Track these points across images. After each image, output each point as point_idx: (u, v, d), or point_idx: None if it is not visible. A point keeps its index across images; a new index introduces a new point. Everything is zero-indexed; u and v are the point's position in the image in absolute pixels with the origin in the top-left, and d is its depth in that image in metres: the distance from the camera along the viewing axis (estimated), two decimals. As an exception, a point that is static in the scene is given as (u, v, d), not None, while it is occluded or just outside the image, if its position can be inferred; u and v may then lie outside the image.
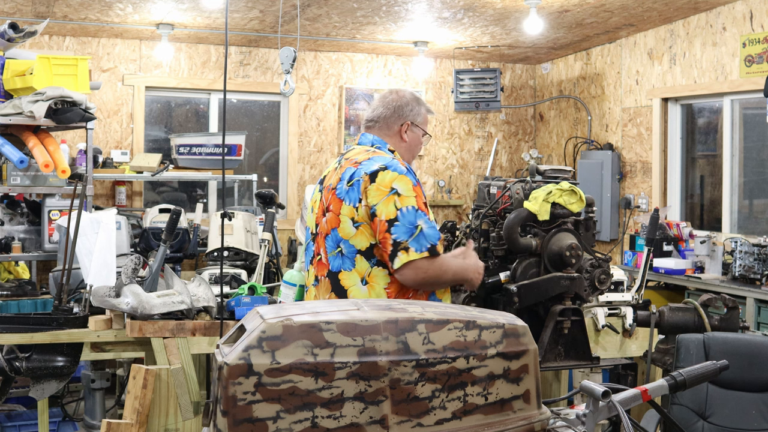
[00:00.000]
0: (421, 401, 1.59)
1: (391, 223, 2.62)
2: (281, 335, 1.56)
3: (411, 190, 2.70)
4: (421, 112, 2.97)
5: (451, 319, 1.66)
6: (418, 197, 2.70)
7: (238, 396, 1.52)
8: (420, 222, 2.65)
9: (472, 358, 1.64)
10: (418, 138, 2.97)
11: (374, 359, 1.57)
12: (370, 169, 2.71)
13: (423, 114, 2.99)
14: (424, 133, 2.99)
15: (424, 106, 3.01)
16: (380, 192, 2.66)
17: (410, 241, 2.61)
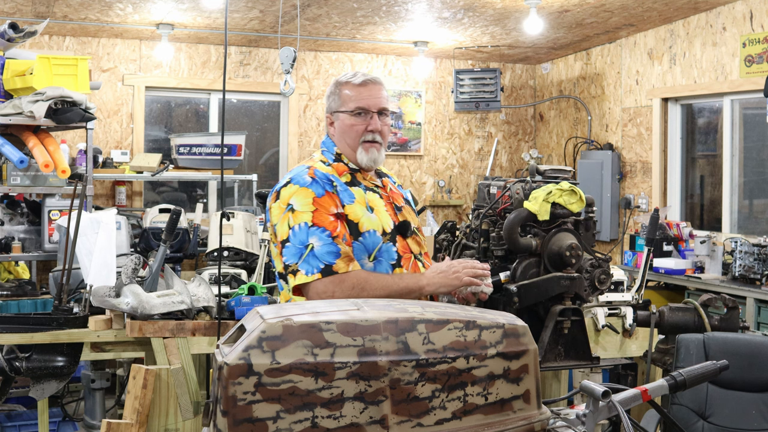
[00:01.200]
0: (421, 401, 1.59)
1: (283, 244, 2.41)
2: (281, 335, 1.56)
3: (309, 204, 2.42)
4: (339, 95, 2.60)
5: (451, 319, 1.66)
6: (319, 211, 2.41)
7: (238, 396, 1.52)
8: (312, 240, 2.38)
9: (472, 358, 1.64)
10: (346, 122, 2.57)
11: (374, 359, 1.57)
12: (279, 185, 2.53)
13: (342, 95, 2.59)
14: (353, 111, 2.57)
15: (345, 84, 2.60)
16: (279, 210, 2.46)
17: (300, 263, 2.38)
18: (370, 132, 2.56)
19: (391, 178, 2.82)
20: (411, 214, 2.70)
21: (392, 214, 2.59)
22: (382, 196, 2.61)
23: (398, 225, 2.55)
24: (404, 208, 2.68)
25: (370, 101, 2.58)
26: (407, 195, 2.83)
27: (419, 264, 2.58)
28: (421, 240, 2.67)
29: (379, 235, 2.48)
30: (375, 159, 2.58)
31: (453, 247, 3.35)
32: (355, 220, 2.46)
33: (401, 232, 2.55)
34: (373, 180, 2.65)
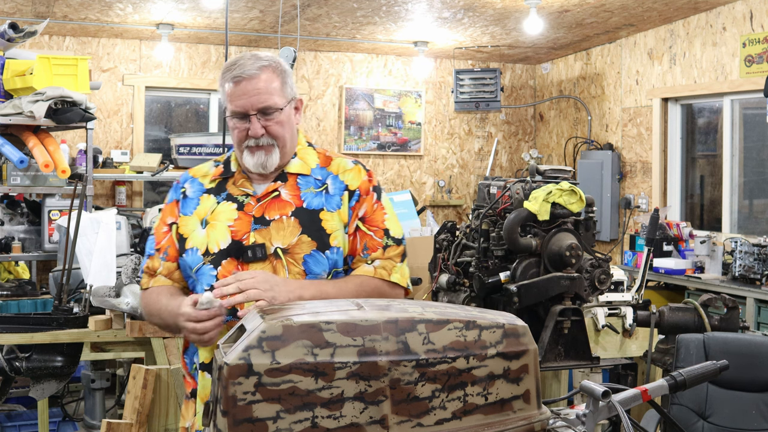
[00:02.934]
0: (421, 401, 1.59)
1: None
2: (281, 335, 1.56)
3: (162, 212, 2.26)
4: (222, 89, 2.17)
5: (451, 319, 1.66)
6: (161, 217, 2.24)
7: (238, 396, 1.52)
8: (148, 249, 2.25)
9: (472, 358, 1.64)
10: (229, 124, 2.17)
11: (374, 359, 1.57)
12: None
13: (224, 89, 2.15)
14: (230, 116, 2.14)
15: (222, 76, 2.16)
16: None
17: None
18: (251, 138, 2.12)
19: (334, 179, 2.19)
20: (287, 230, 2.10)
21: (242, 230, 2.10)
22: (245, 206, 2.13)
23: (233, 246, 2.09)
24: (279, 221, 2.10)
25: (245, 103, 2.10)
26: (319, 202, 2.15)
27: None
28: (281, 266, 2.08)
29: (200, 254, 2.11)
30: (263, 163, 2.11)
31: (453, 247, 3.36)
32: (185, 235, 2.16)
33: (236, 255, 2.08)
34: (244, 186, 2.17)
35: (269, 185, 2.16)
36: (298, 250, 2.09)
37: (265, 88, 2.11)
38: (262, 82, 2.11)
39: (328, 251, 2.11)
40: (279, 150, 2.14)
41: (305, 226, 2.10)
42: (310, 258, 2.10)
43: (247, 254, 2.07)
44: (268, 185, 2.16)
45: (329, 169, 2.21)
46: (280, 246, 2.08)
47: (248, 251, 2.07)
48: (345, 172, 2.20)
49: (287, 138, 2.16)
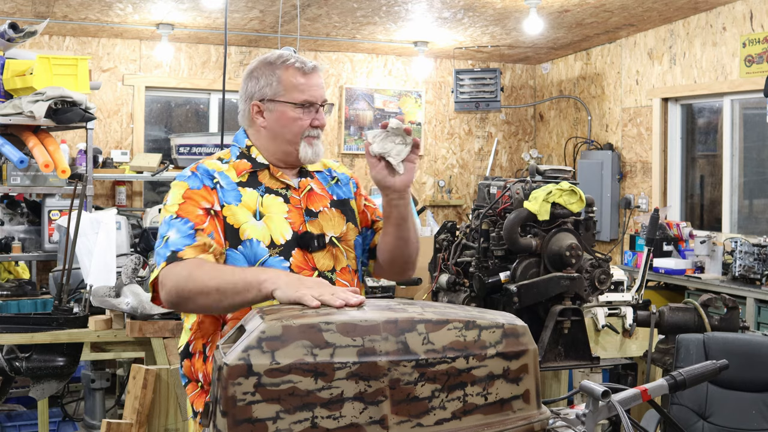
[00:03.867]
0: (420, 401, 1.59)
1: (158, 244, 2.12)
2: (281, 335, 1.56)
3: (179, 196, 2.12)
4: (279, 81, 2.18)
5: (450, 319, 1.66)
6: (186, 203, 2.10)
7: (238, 396, 1.52)
8: (170, 232, 2.05)
9: (472, 358, 1.64)
10: (289, 114, 2.18)
11: (374, 359, 1.57)
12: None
13: (284, 81, 2.18)
14: (298, 104, 2.17)
15: (286, 68, 2.18)
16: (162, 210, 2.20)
17: (157, 258, 2.07)
18: (315, 128, 2.19)
19: (335, 172, 2.36)
20: (334, 219, 2.23)
21: (297, 222, 2.15)
22: (290, 199, 2.18)
23: (299, 236, 2.12)
24: (325, 213, 2.22)
25: (317, 93, 2.19)
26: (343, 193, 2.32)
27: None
28: (341, 253, 2.21)
29: (265, 246, 2.08)
30: (318, 152, 2.20)
31: (453, 247, 3.36)
32: (236, 225, 2.09)
33: (302, 245, 2.12)
34: (284, 178, 2.20)
35: (302, 180, 2.24)
36: (349, 237, 2.24)
37: (323, 82, 2.24)
38: (322, 76, 2.24)
39: (361, 236, 2.30)
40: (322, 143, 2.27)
41: (347, 216, 2.26)
42: (356, 243, 2.27)
43: (314, 244, 2.14)
44: (301, 180, 2.24)
45: (326, 166, 2.35)
46: (333, 235, 2.19)
47: (314, 240, 2.14)
48: (335, 168, 2.37)
49: None
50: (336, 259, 2.19)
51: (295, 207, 2.17)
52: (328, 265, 2.16)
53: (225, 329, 2.07)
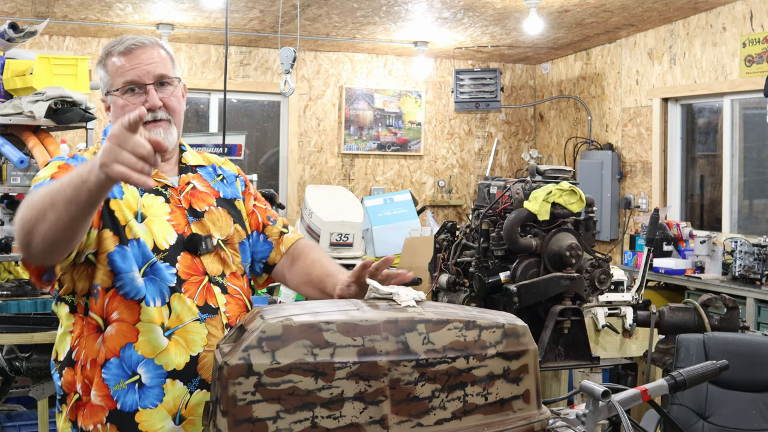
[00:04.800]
0: (421, 401, 1.59)
1: None
2: (281, 335, 1.56)
3: (53, 167, 1.89)
4: (106, 71, 1.97)
5: (450, 319, 1.66)
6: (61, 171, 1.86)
7: (238, 396, 1.52)
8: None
9: (472, 358, 1.64)
10: (118, 103, 1.94)
11: (374, 359, 1.57)
12: None
13: (109, 69, 1.96)
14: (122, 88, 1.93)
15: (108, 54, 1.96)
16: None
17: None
18: (148, 111, 1.90)
19: (221, 169, 2.16)
20: (221, 220, 2.04)
21: (181, 223, 1.96)
22: (171, 198, 1.97)
23: (186, 239, 1.94)
24: (211, 212, 2.03)
25: (140, 72, 1.92)
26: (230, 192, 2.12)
27: (216, 288, 1.96)
28: (228, 256, 2.02)
29: (148, 249, 1.89)
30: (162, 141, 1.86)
31: (453, 247, 3.36)
32: (122, 221, 1.89)
33: (190, 248, 1.94)
34: (159, 177, 1.98)
35: (182, 177, 2.03)
36: (236, 240, 2.06)
37: (159, 57, 1.96)
38: (157, 54, 1.96)
39: (249, 239, 2.12)
40: (176, 128, 1.98)
41: (234, 216, 2.08)
42: (241, 246, 2.08)
43: (202, 246, 1.95)
44: (181, 177, 2.03)
45: (208, 162, 2.15)
46: (220, 237, 2.01)
47: (202, 243, 1.95)
48: (221, 164, 2.18)
49: (181, 117, 2.02)
50: (224, 263, 2.00)
51: (177, 207, 1.97)
52: (218, 270, 1.98)
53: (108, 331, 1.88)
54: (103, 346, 1.87)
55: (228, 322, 1.94)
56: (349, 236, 4.33)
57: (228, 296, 1.97)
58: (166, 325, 1.87)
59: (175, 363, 1.87)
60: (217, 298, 1.94)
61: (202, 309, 1.91)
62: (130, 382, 1.86)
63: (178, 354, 1.87)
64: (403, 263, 4.10)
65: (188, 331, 1.89)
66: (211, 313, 1.92)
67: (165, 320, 1.87)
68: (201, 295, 1.92)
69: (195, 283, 1.93)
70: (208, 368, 1.87)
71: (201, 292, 1.93)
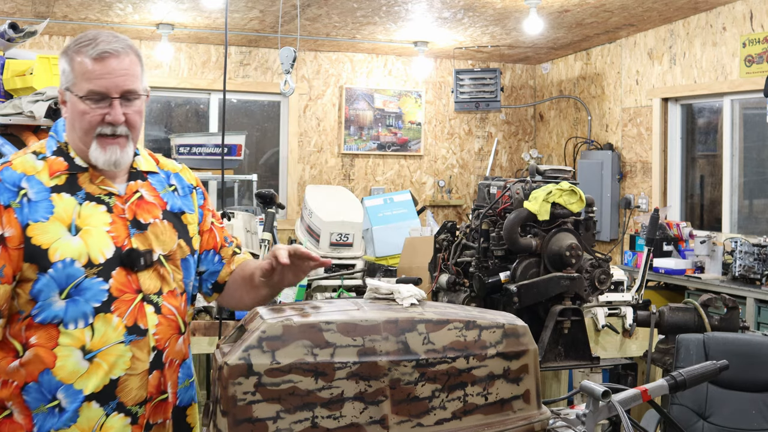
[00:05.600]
0: (421, 401, 1.59)
1: None
2: (281, 335, 1.56)
3: None
4: (71, 67, 1.86)
5: (451, 319, 1.66)
6: None
7: (238, 396, 1.52)
8: None
9: (472, 358, 1.64)
10: (78, 107, 1.85)
11: (374, 359, 1.57)
12: None
13: (75, 67, 1.85)
14: (85, 96, 1.83)
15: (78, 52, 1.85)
16: None
17: None
18: (108, 125, 1.83)
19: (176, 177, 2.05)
20: (165, 234, 1.93)
21: (121, 236, 1.86)
22: (114, 208, 1.87)
23: (123, 253, 1.84)
24: (156, 225, 1.92)
25: (108, 83, 1.82)
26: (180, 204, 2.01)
27: (149, 308, 1.86)
28: (169, 273, 1.92)
29: (80, 266, 1.79)
30: (117, 160, 1.86)
31: (453, 247, 3.36)
32: (44, 246, 1.78)
33: (127, 263, 1.84)
34: (106, 185, 1.89)
35: (130, 184, 1.93)
36: (178, 256, 1.95)
37: (131, 70, 1.86)
38: (129, 63, 1.86)
39: (194, 256, 2.02)
40: (132, 144, 1.90)
41: (179, 231, 1.96)
42: (184, 263, 1.97)
43: (140, 261, 1.85)
44: (129, 184, 1.92)
45: (164, 167, 2.04)
46: (161, 253, 1.91)
47: (140, 258, 1.85)
48: (178, 171, 2.07)
49: (140, 131, 1.93)
50: (163, 280, 1.90)
51: (120, 217, 1.87)
52: (155, 287, 1.88)
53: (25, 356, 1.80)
54: (23, 369, 1.80)
55: (156, 345, 1.86)
56: (349, 236, 4.33)
57: (161, 317, 1.87)
58: (88, 347, 1.79)
59: (93, 386, 1.80)
60: (148, 318, 1.85)
61: (129, 330, 1.83)
62: (50, 406, 1.79)
63: (98, 377, 1.80)
64: (403, 263, 4.10)
65: (111, 354, 1.80)
66: (138, 334, 1.83)
67: (87, 342, 1.79)
68: (131, 315, 1.83)
69: (127, 302, 1.83)
70: (128, 392, 1.82)
71: (132, 312, 1.84)
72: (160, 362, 1.87)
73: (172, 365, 1.90)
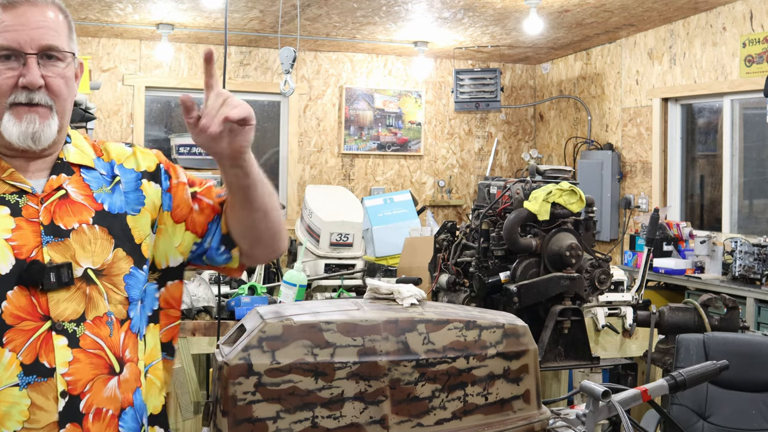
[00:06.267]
0: (421, 401, 1.59)
1: None
2: (281, 335, 1.56)
3: None
4: None
5: (451, 319, 1.66)
6: None
7: (238, 396, 1.52)
8: None
9: (472, 358, 1.64)
10: None
11: (374, 359, 1.57)
12: None
13: None
14: None
15: None
16: None
17: None
18: (23, 89, 1.44)
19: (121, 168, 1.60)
20: (95, 243, 1.48)
21: (29, 244, 1.43)
22: (24, 209, 1.45)
23: (25, 266, 1.41)
24: (80, 232, 1.47)
25: (21, 35, 1.44)
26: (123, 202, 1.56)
27: (60, 340, 1.41)
28: (102, 293, 1.46)
29: None
30: (35, 132, 1.44)
31: (453, 247, 3.36)
32: None
33: (27, 281, 1.41)
34: (15, 180, 1.47)
35: (51, 179, 1.49)
36: (117, 270, 1.49)
37: (53, 22, 1.48)
38: (50, 14, 1.49)
39: (145, 266, 1.55)
40: (57, 118, 1.48)
41: (117, 237, 1.51)
42: (131, 279, 1.51)
43: (49, 278, 1.41)
44: (49, 179, 1.49)
45: (107, 158, 1.60)
46: (91, 266, 1.46)
47: (50, 274, 1.41)
48: (128, 158, 1.61)
49: (68, 105, 1.53)
50: (90, 303, 1.44)
51: (29, 222, 1.44)
52: (74, 312, 1.43)
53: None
54: None
55: (67, 389, 1.40)
56: (349, 236, 4.33)
57: (79, 351, 1.41)
58: None
59: None
60: (57, 353, 1.40)
61: (27, 369, 1.38)
62: None
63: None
64: (403, 263, 4.10)
65: (1, 401, 1.37)
66: (41, 375, 1.38)
67: None
68: (31, 349, 1.39)
69: (26, 332, 1.39)
70: None
71: (32, 345, 1.39)
72: (77, 413, 1.40)
73: (102, 417, 1.42)
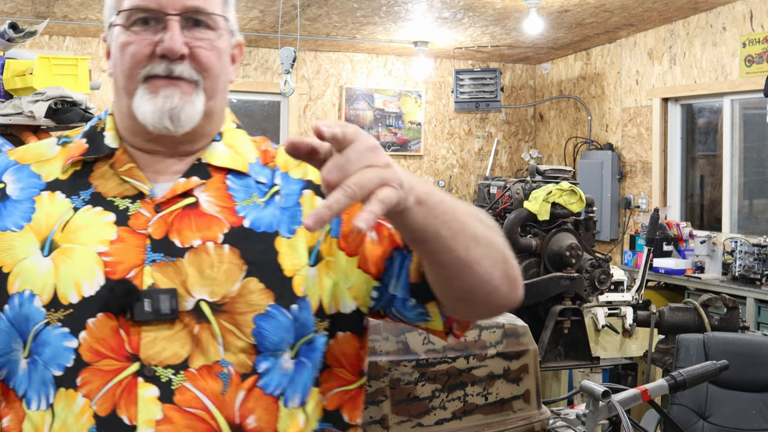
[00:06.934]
0: (421, 401, 1.59)
1: None
2: (281, 335, 1.56)
3: None
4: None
5: (451, 319, 1.66)
6: None
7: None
8: None
9: (472, 358, 1.64)
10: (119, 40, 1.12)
11: (374, 359, 1.57)
12: None
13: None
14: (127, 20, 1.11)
15: None
16: None
17: None
18: (161, 59, 1.10)
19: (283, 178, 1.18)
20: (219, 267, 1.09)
21: (128, 262, 1.09)
22: (131, 217, 1.11)
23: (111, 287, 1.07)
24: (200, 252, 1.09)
25: None
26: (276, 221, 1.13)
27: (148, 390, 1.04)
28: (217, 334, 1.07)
29: (40, 305, 1.07)
30: (172, 109, 1.10)
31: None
32: (4, 268, 1.11)
33: (114, 308, 1.06)
34: (133, 177, 1.14)
35: (178, 183, 1.13)
36: (244, 307, 1.08)
37: None
38: None
39: (294, 306, 1.10)
40: (205, 97, 1.14)
41: (252, 263, 1.10)
42: (267, 321, 1.08)
43: (141, 307, 1.05)
44: (177, 183, 1.13)
45: (273, 165, 1.20)
46: (206, 298, 1.08)
47: (144, 301, 1.06)
48: (299, 164, 1.19)
49: (219, 85, 1.19)
50: (199, 346, 1.06)
51: (135, 233, 1.10)
52: (174, 354, 1.06)
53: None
54: None
55: None
56: (349, 236, 4.33)
57: (172, 408, 1.05)
58: None
59: None
60: (142, 407, 1.05)
61: (101, 423, 1.05)
62: None
63: None
64: (403, 263, 4.09)
65: None
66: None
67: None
68: (108, 397, 1.05)
69: (105, 372, 1.06)
70: None
71: (110, 391, 1.05)
72: None
73: None
